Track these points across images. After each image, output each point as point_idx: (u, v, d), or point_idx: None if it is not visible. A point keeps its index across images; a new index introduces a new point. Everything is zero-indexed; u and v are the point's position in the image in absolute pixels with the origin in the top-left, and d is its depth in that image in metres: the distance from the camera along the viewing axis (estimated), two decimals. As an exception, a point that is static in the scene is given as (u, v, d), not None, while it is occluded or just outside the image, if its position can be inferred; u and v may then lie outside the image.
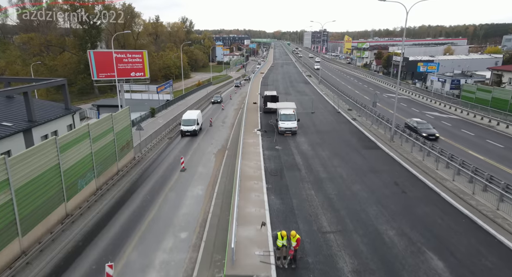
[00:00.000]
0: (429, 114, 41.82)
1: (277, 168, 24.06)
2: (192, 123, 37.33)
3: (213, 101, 62.13)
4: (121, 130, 26.57)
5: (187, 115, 38.79)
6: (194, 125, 37.12)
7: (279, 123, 33.09)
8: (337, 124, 36.40)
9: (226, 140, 36.59)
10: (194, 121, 37.43)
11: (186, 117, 38.36)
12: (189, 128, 37.06)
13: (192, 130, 36.98)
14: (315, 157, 26.29)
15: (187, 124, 37.25)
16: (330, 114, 41.56)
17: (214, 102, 61.76)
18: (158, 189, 23.23)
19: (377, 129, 32.86)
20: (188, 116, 38.53)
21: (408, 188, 19.86)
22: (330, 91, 59.13)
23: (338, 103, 44.23)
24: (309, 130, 34.42)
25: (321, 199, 19.01)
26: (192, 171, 27.03)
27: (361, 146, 28.36)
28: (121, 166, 26.44)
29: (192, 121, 37.46)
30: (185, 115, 38.95)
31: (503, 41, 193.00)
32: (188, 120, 37.75)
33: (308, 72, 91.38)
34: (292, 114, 33.27)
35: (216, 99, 62.79)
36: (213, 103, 61.62)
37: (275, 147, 29.11)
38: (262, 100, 45.09)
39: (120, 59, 50.40)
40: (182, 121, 37.83)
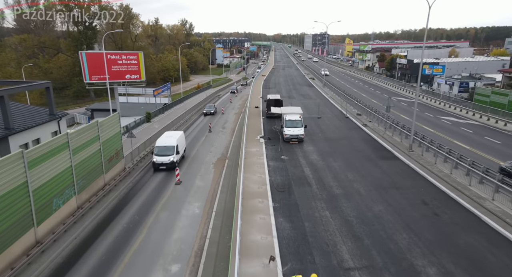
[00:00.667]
0: (445, 119, 38.97)
1: (284, 183, 21.18)
2: (169, 152, 26.53)
3: (205, 112, 51.58)
4: (109, 138, 23.73)
5: (163, 139, 27.75)
6: (172, 154, 26.39)
7: (284, 130, 30.26)
8: (347, 131, 33.54)
9: (226, 148, 33.74)
10: (172, 148, 26.71)
11: (161, 142, 27.32)
12: (165, 159, 26.09)
13: (169, 162, 26.05)
14: (326, 169, 23.41)
15: (162, 153, 26.48)
16: (338, 119, 38.72)
17: (206, 114, 51.32)
18: (149, 207, 20.34)
19: (392, 136, 30.00)
20: (164, 141, 27.42)
21: (440, 209, 16.95)
22: (335, 94, 56.32)
23: (346, 107, 41.38)
24: (317, 137, 31.57)
25: (338, 222, 16.11)
26: (188, 184, 24.15)
27: (377, 156, 25.48)
28: (108, 178, 23.57)
29: (169, 149, 26.64)
30: (161, 139, 27.88)
31: (506, 43, 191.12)
32: (163, 147, 26.78)
33: (311, 75, 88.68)
34: (298, 120, 30.45)
35: (208, 109, 51.89)
36: (205, 114, 51.25)
37: (281, 157, 26.25)
38: (265, 104, 42.29)
39: (114, 60, 47.66)
40: (155, 149, 27.12)
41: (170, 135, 28.91)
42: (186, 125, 45.76)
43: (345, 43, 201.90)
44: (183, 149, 29.72)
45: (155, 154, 26.81)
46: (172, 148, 26.92)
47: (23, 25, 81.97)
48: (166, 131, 31.51)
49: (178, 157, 27.32)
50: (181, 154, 28.54)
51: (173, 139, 27.79)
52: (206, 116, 50.91)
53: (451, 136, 31.28)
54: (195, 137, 38.65)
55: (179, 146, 27.67)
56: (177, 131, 31.77)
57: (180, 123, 45.55)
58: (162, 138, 28.16)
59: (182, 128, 43.73)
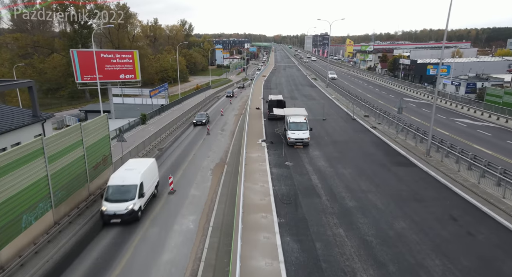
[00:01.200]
0: (459, 121, 36.59)
1: (289, 193, 18.81)
2: (127, 195, 17.59)
3: (195, 122, 43.22)
4: (95, 143, 21.39)
5: (121, 174, 18.82)
6: (133, 199, 17.51)
7: (287, 133, 27.91)
8: (355, 134, 31.19)
9: (226, 152, 31.42)
10: (134, 189, 17.74)
11: (117, 179, 18.30)
12: (120, 207, 17.20)
13: (127, 212, 17.22)
14: (336, 176, 21.05)
15: (117, 197, 17.56)
16: (344, 121, 36.36)
17: (197, 124, 42.98)
18: (137, 222, 17.97)
19: (405, 140, 27.63)
20: (120, 178, 18.36)
21: (474, 228, 14.59)
22: (340, 95, 53.96)
23: (353, 109, 39.00)
24: (323, 141, 29.22)
25: (355, 242, 13.75)
26: (183, 194, 21.80)
27: (391, 162, 23.10)
28: (94, 188, 21.21)
29: (128, 191, 17.70)
30: (118, 174, 18.96)
31: (508, 44, 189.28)
32: (119, 188, 17.84)
33: (313, 75, 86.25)
34: (303, 122, 28.10)
35: (199, 119, 43.36)
36: (196, 124, 43.04)
37: (285, 163, 23.89)
38: (267, 106, 39.94)
39: (107, 59, 45.37)
40: (106, 190, 18.00)
41: (133, 167, 19.60)
42: (184, 127, 43.46)
43: (345, 44, 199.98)
44: (153, 185, 20.59)
45: (105, 199, 17.48)
46: (132, 189, 17.59)
47: (19, 25, 79.80)
48: (130, 159, 22.66)
49: (143, 202, 18.36)
50: (149, 196, 19.51)
51: (135, 173, 18.55)
52: (197, 126, 42.71)
53: (469, 139, 28.92)
54: (192, 140, 36.34)
55: (145, 184, 18.53)
56: (145, 159, 23.12)
57: (177, 125, 43.24)
58: (120, 172, 19.03)
59: (178, 130, 41.47)
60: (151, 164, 21.11)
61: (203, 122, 42.89)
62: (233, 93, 73.91)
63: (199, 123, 43.11)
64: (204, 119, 43.27)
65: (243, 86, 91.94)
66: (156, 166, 22.11)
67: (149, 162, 21.24)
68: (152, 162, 21.69)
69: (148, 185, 19.55)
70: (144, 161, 21.88)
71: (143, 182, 18.60)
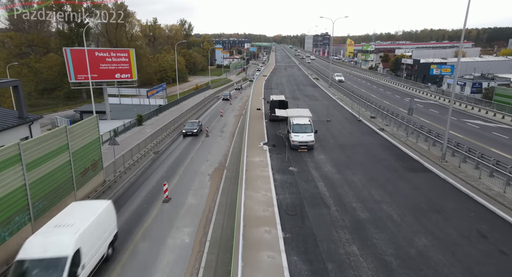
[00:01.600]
0: (470, 122, 34.84)
1: (295, 203, 17.09)
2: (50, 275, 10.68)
3: (184, 132, 36.54)
4: (83, 147, 19.71)
5: (44, 236, 11.80)
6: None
7: (291, 136, 26.19)
8: (362, 136, 29.47)
9: (225, 155, 29.72)
10: (61, 265, 10.75)
11: (33, 249, 11.16)
12: None
13: None
14: (345, 184, 19.33)
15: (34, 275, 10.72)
16: (350, 122, 34.64)
17: (187, 134, 36.40)
18: (127, 235, 16.27)
19: (416, 143, 25.89)
20: (42, 245, 11.27)
21: (507, 246, 12.86)
22: (343, 95, 52.22)
23: (359, 109, 37.25)
24: (328, 144, 27.50)
25: (372, 264, 12.04)
26: (179, 202, 20.10)
27: (404, 168, 21.38)
28: (82, 196, 19.51)
29: (52, 267, 10.79)
30: (39, 236, 11.79)
31: (509, 44, 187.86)
32: (36, 263, 10.90)
33: (315, 75, 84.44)
34: (307, 124, 26.37)
35: (190, 128, 36.75)
36: (186, 135, 36.44)
37: (289, 168, 22.18)
38: (268, 106, 38.22)
39: (102, 58, 43.64)
40: (14, 267, 10.88)
41: (67, 222, 12.59)
42: (181, 129, 41.73)
43: (346, 44, 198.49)
44: (106, 244, 13.73)
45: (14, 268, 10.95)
46: (59, 265, 10.80)
47: (16, 24, 78.10)
48: (72, 202, 15.20)
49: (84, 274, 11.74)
50: (95, 264, 12.68)
51: (69, 235, 11.68)
52: (187, 137, 36.21)
53: (485, 142, 27.17)
54: (190, 143, 34.62)
55: (86, 251, 11.84)
56: (96, 202, 16.13)
57: (174, 126, 41.52)
58: (41, 235, 11.85)
59: (176, 132, 39.77)
60: (102, 212, 13.81)
61: (194, 132, 36.30)
62: (230, 96, 66.94)
63: (189, 134, 36.28)
64: (196, 129, 36.63)
65: (240, 87, 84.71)
66: (112, 213, 14.94)
67: (99, 209, 13.94)
68: (105, 207, 14.30)
69: (93, 250, 12.53)
70: (93, 207, 14.31)
71: (81, 250, 11.55)
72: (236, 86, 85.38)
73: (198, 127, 37.47)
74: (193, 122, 38.73)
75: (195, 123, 38.40)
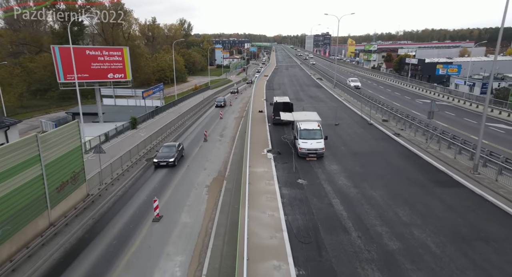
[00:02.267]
0: (493, 126, 32.03)
1: (307, 226, 14.37)
2: None
3: (156, 163, 25.75)
4: (59, 158, 16.98)
5: None
6: None
7: (298, 142, 23.46)
8: (376, 142, 26.72)
9: (225, 163, 27.00)
10: None
11: None
12: None
13: None
14: (364, 201, 16.59)
15: None
16: (361, 126, 31.90)
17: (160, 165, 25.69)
18: (108, 264, 13.58)
19: (439, 151, 23.15)
20: None
21: None
22: (350, 96, 49.45)
23: (370, 112, 34.48)
24: (340, 151, 24.77)
25: (414, 317, 9.27)
26: (171, 221, 17.38)
27: (430, 181, 18.64)
28: (58, 215, 16.77)
29: None
30: None
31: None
32: None
33: (318, 75, 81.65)
34: (317, 130, 23.65)
35: (165, 154, 26.23)
36: (158, 166, 25.72)
37: (297, 180, 19.46)
38: (271, 108, 35.53)
39: (93, 57, 40.87)
40: None
41: None
42: (178, 132, 39.02)
43: (347, 44, 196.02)
44: None
45: None
46: None
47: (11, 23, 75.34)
48: None
49: None
50: None
51: None
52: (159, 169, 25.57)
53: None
54: (187, 148, 31.89)
55: None
56: None
57: (171, 129, 38.77)
58: None
59: (172, 136, 37.03)
60: None
61: (170, 162, 25.40)
62: (224, 102, 57.89)
63: (164, 164, 25.43)
64: (172, 157, 25.58)
65: (236, 91, 75.02)
66: None
67: None
68: None
69: None
70: None
71: None
72: (232, 90, 75.85)
73: (177, 153, 26.33)
74: (170, 146, 27.13)
75: (173, 147, 26.80)
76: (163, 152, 26.46)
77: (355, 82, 60.21)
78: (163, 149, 27.01)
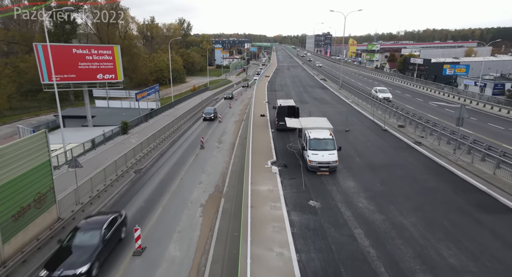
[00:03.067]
0: (524, 133, 28.88)
1: (327, 271, 11.14)
2: None
3: None
4: (18, 177, 13.75)
5: None
6: None
7: (307, 154, 20.22)
8: (395, 152, 23.49)
9: (223, 176, 23.82)
10: None
11: None
12: None
13: None
14: (395, 233, 13.36)
15: None
16: (374, 133, 28.67)
17: None
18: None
19: (472, 164, 19.91)
20: None
21: None
22: (358, 98, 46.15)
23: (384, 117, 31.21)
24: (354, 163, 21.56)
25: None
26: (155, 255, 14.16)
27: (472, 205, 15.39)
28: (14, 250, 13.50)
29: None
30: None
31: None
32: None
33: (322, 75, 78.35)
34: (329, 139, 20.44)
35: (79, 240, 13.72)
36: None
37: (308, 202, 16.26)
38: (274, 112, 32.30)
39: (81, 56, 37.60)
40: None
41: None
42: (173, 138, 35.83)
43: (348, 44, 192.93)
44: None
45: None
46: None
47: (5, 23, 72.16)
48: None
49: None
50: None
51: None
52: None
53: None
54: (181, 157, 28.77)
55: None
56: None
57: (165, 134, 35.56)
58: None
59: (166, 142, 33.86)
60: None
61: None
62: (214, 114, 45.61)
63: None
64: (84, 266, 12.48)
65: (231, 96, 67.88)
66: None
67: None
68: None
69: None
70: None
71: None
72: (226, 95, 68.51)
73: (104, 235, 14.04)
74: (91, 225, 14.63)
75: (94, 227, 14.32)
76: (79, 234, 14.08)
77: (384, 93, 46.26)
78: (80, 229, 14.31)
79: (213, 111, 46.32)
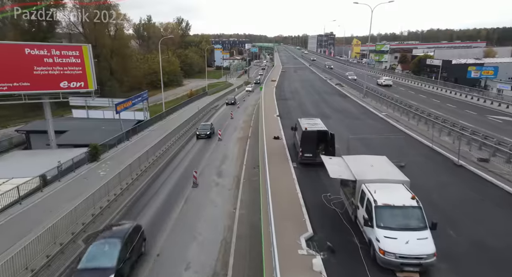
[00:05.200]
0: None
1: None
2: None
3: None
4: None
5: None
6: None
7: (375, 235, 11.21)
8: (507, 216, 14.49)
9: (225, 246, 14.97)
10: None
11: None
12: None
13: None
14: None
15: None
16: (448, 172, 19.51)
17: None
18: None
19: None
20: None
21: None
22: (392, 110, 37.03)
23: (459, 145, 21.59)
24: (451, 242, 12.56)
25: None
26: None
27: None
28: None
29: None
30: None
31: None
32: None
33: (335, 79, 69.08)
34: (413, 208, 11.44)
35: None
36: None
37: None
38: (297, 137, 23.19)
39: (37, 58, 28.27)
40: None
41: None
42: (158, 167, 26.92)
43: (352, 44, 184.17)
44: None
45: None
46: None
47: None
48: None
49: None
50: None
51: None
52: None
53: None
54: (163, 206, 19.86)
55: None
56: None
57: (148, 162, 26.68)
58: None
59: (148, 173, 24.99)
60: None
61: None
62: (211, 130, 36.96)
63: None
64: None
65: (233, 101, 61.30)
66: None
67: None
68: None
69: None
70: None
71: None
72: (228, 101, 62.16)
73: None
74: None
75: None
76: None
77: None
78: None
79: (209, 127, 37.12)
